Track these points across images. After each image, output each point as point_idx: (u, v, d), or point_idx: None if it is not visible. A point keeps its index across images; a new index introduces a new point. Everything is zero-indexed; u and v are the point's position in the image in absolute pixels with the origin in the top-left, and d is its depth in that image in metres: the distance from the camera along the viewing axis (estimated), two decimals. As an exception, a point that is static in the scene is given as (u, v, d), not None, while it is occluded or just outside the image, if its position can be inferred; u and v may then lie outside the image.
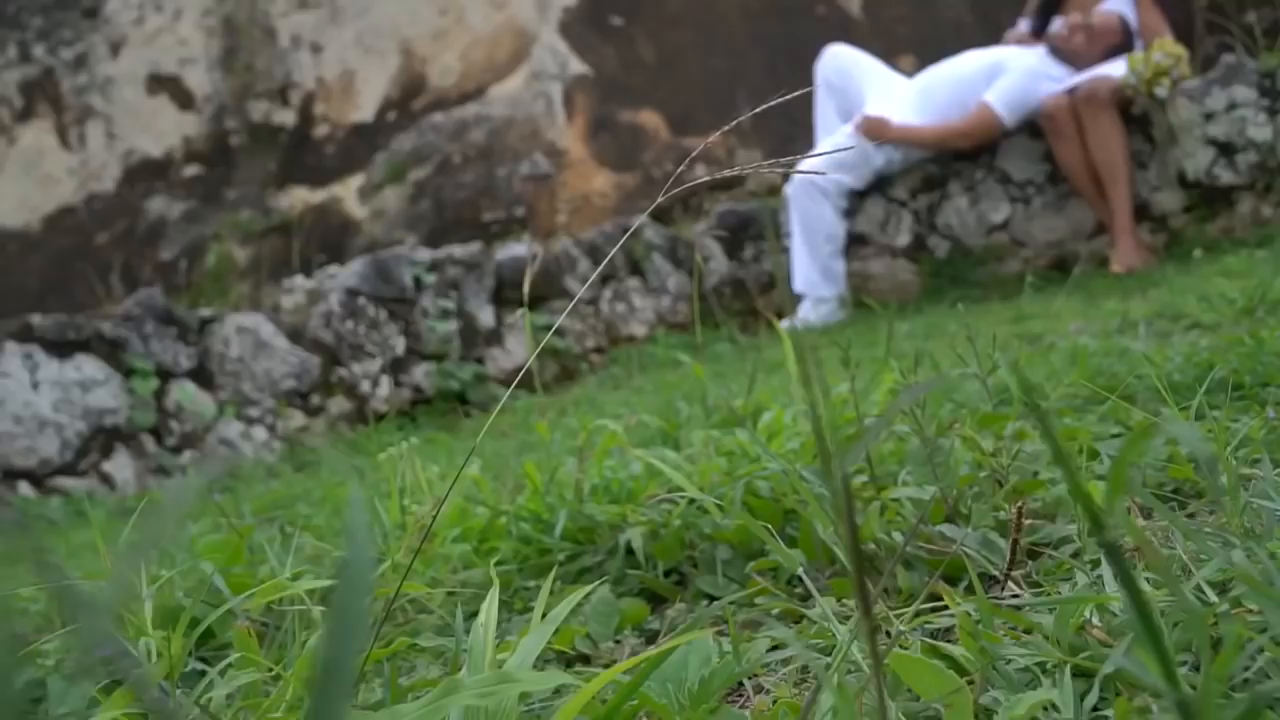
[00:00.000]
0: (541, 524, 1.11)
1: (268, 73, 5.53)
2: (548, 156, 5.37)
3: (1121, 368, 1.61)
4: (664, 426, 1.62)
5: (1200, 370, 1.39)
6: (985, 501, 0.92)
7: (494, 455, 2.35)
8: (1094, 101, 3.32)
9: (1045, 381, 1.65)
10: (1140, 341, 1.81)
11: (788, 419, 1.43)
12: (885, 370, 1.90)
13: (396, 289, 3.12)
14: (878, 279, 3.75)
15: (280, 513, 1.84)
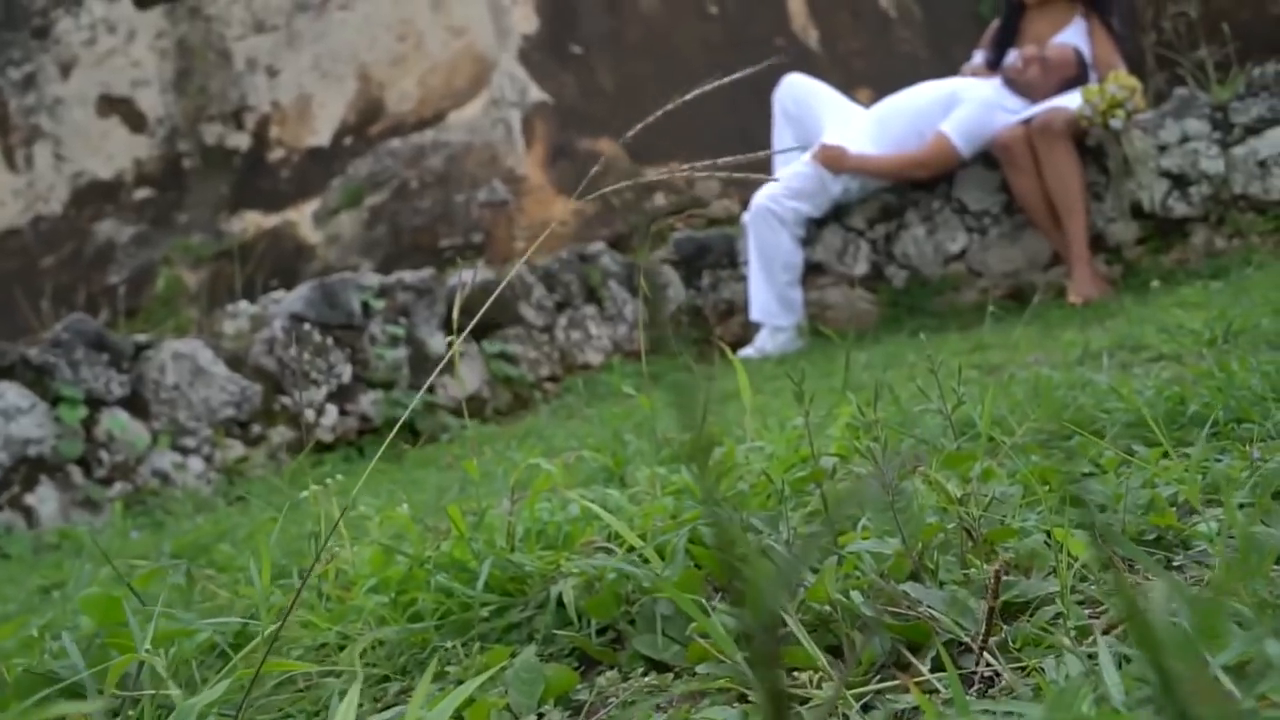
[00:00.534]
0: (466, 573, 0.99)
1: (222, 96, 5.38)
2: (506, 183, 5.26)
3: (1087, 400, 1.52)
4: (609, 463, 1.51)
5: (1171, 405, 1.31)
6: (953, 553, 0.82)
7: (438, 488, 2.23)
8: (1049, 133, 3.27)
9: (1009, 414, 1.56)
10: (1104, 374, 1.72)
11: (741, 455, 1.33)
12: (843, 403, 1.80)
13: (344, 315, 2.99)
14: (835, 308, 3.67)
15: (201, 552, 1.70)
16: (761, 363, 3.44)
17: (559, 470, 1.15)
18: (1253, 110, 3.20)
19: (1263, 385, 1.30)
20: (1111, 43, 3.52)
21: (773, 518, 0.90)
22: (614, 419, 2.06)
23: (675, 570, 0.89)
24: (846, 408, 1.46)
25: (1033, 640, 0.66)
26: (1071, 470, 1.11)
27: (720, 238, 3.87)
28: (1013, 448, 1.25)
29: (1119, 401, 1.41)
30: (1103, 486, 1.00)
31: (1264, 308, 2.25)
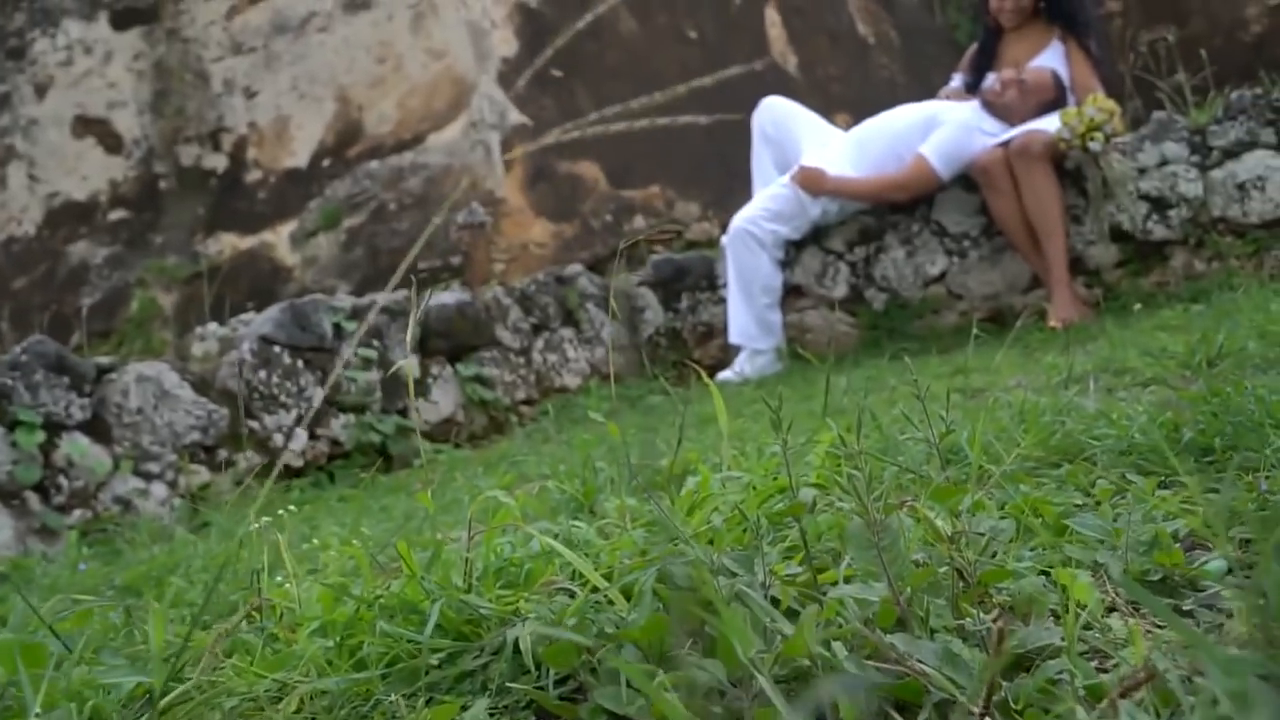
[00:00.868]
0: (417, 616, 0.91)
1: (199, 117, 5.29)
2: (485, 205, 5.19)
3: (1075, 426, 1.45)
4: (578, 492, 1.43)
5: (1165, 431, 1.24)
6: (944, 597, 0.74)
7: (405, 516, 2.13)
8: (1027, 155, 3.23)
9: (995, 440, 1.48)
10: (1090, 398, 1.65)
11: (716, 484, 1.25)
12: (823, 429, 1.73)
13: (315, 337, 2.90)
14: (815, 331, 3.61)
15: (153, 585, 1.61)
16: (741, 386, 3.36)
17: (520, 502, 1.07)
18: (1231, 134, 3.16)
19: (1259, 410, 1.23)
20: (1089, 66, 3.48)
21: (747, 557, 0.81)
22: (587, 444, 1.98)
23: (641, 614, 0.81)
24: (827, 434, 1.38)
25: (1038, 701, 0.58)
26: (1066, 504, 1.03)
27: (699, 260, 3.80)
28: (1002, 476, 1.18)
29: (1109, 428, 1.34)
30: (1100, 520, 0.92)
31: (1248, 331, 2.20)
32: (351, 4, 5.21)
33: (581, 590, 0.89)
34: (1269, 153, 3.13)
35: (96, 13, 5.45)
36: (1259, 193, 3.13)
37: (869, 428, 1.88)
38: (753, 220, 3.50)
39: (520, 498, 1.10)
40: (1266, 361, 1.94)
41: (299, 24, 5.23)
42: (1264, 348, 2.04)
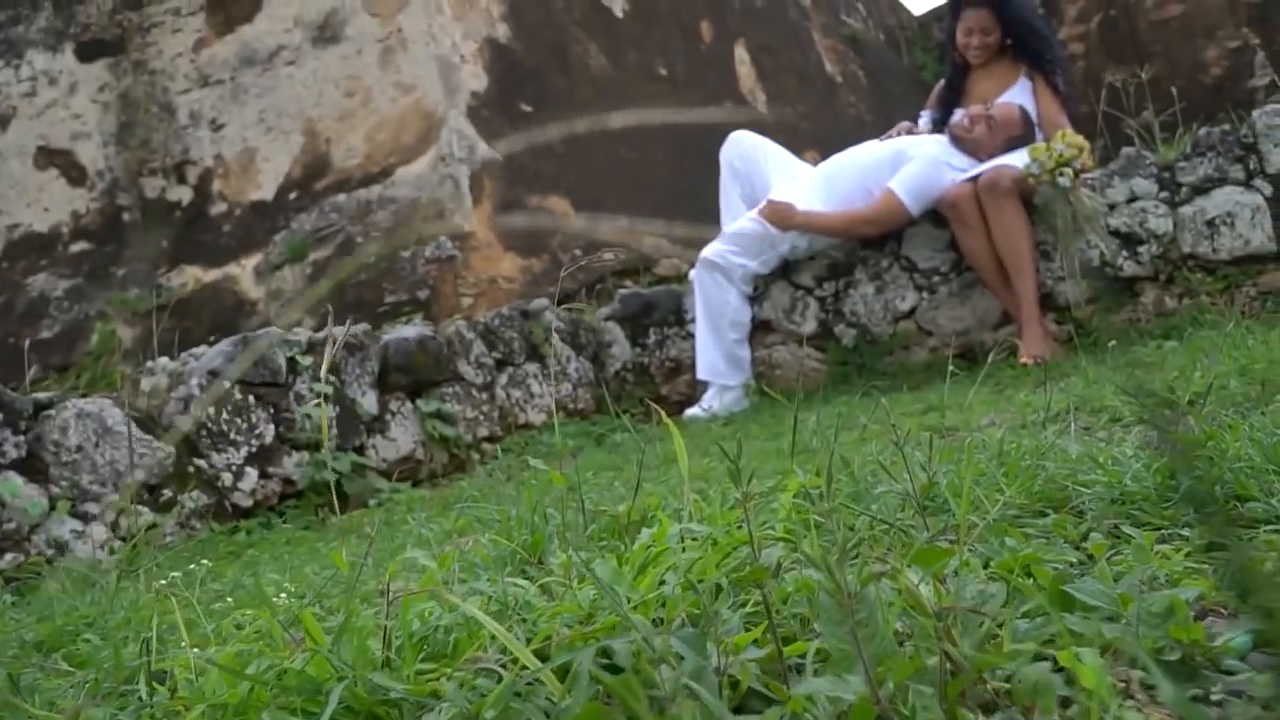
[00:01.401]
0: (320, 696, 0.77)
1: (165, 149, 5.15)
2: (453, 239, 5.06)
3: (1059, 470, 1.33)
4: (525, 542, 1.29)
5: (1160, 478, 1.12)
6: (931, 684, 0.61)
7: (354, 560, 1.98)
8: (997, 190, 3.14)
9: (975, 485, 1.37)
10: (1071, 439, 1.54)
11: (673, 537, 1.11)
12: (791, 475, 1.60)
13: (268, 372, 2.75)
14: (784, 367, 3.49)
15: (66, 642, 1.45)
16: (709, 423, 3.24)
17: (448, 562, 0.93)
18: (1199, 170, 3.10)
19: (1259, 456, 1.12)
20: (1056, 102, 3.42)
21: (699, 636, 0.68)
22: (544, 487, 1.84)
23: (577, 701, 0.68)
24: (794, 481, 1.26)
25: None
26: (1058, 560, 0.90)
27: (667, 294, 3.69)
28: (986, 528, 1.06)
29: (1098, 472, 1.22)
30: (1102, 585, 0.80)
31: (1228, 368, 2.10)
32: (320, 38, 5.10)
33: (511, 667, 0.76)
34: (1238, 189, 3.06)
35: (62, 44, 5.31)
36: (1228, 229, 3.06)
37: (840, 470, 1.76)
38: (721, 254, 3.39)
39: (446, 558, 0.96)
40: (1250, 400, 1.84)
41: (267, 57, 5.11)
42: (1245, 385, 1.95)
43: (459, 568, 1.15)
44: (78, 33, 5.25)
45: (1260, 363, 2.11)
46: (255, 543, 2.40)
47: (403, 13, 5.04)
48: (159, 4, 5.11)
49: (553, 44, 5.54)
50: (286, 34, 5.09)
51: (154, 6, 5.12)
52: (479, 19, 5.28)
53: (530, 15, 5.46)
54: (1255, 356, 2.22)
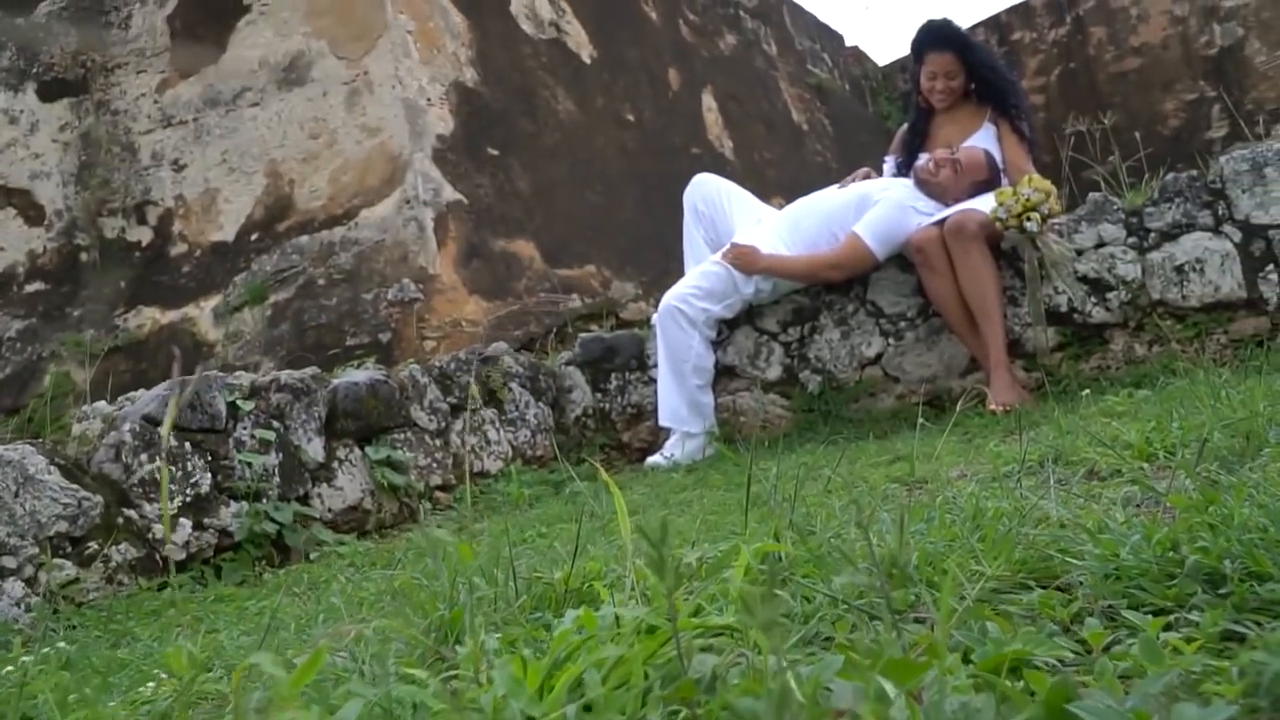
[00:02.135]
0: None
1: (125, 189, 4.96)
2: (417, 282, 4.89)
3: (1041, 536, 1.17)
4: (447, 617, 1.11)
5: (1161, 550, 0.96)
6: None
7: (293, 620, 1.78)
8: (963, 234, 3.02)
9: (946, 551, 1.20)
10: (1051, 499, 1.38)
11: (605, 619, 0.94)
12: (746, 537, 1.44)
13: (206, 417, 2.55)
14: (748, 414, 3.33)
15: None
16: (670, 472, 3.06)
17: (307, 674, 0.75)
18: (1167, 215, 2.99)
19: (1270, 523, 0.97)
20: (1022, 148, 3.32)
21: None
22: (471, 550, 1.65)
23: None
24: (744, 555, 1.09)
25: None
26: (1062, 679, 0.73)
27: (629, 339, 3.53)
28: (966, 611, 0.89)
29: (1087, 540, 1.06)
30: (1111, 699, 0.64)
31: (1208, 418, 1.96)
32: (286, 80, 4.95)
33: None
34: (1206, 235, 2.95)
35: (24, 83, 5.13)
36: (1198, 275, 2.95)
37: (801, 528, 1.59)
38: (683, 298, 3.24)
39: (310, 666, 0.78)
40: (1235, 454, 1.69)
41: (232, 98, 4.95)
42: (1228, 438, 1.80)
43: (352, 656, 0.97)
44: (40, 72, 5.08)
45: (1241, 413, 1.97)
46: (181, 600, 2.20)
47: (369, 56, 4.91)
48: (123, 44, 4.96)
49: (520, 88, 5.42)
50: (251, 75, 4.94)
51: (118, 47, 4.97)
52: (446, 63, 5.16)
53: (498, 60, 5.35)
54: (1234, 406, 2.08)
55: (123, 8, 4.90)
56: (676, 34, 6.59)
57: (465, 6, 5.28)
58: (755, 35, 7.27)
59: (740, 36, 7.08)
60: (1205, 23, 7.91)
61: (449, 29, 5.22)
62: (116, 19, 4.93)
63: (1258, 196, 2.93)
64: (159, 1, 4.91)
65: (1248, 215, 2.94)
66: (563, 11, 5.92)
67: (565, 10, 5.95)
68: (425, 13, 5.12)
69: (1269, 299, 2.92)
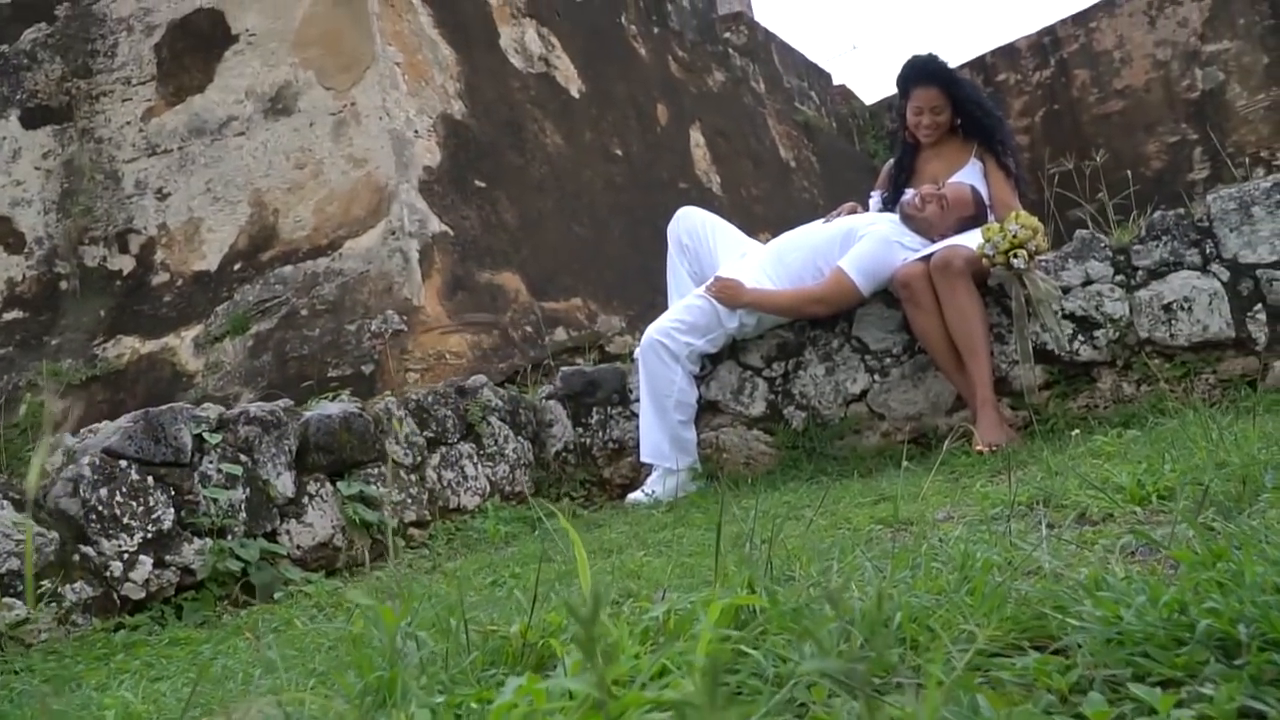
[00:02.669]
0: None
1: (108, 217, 4.87)
2: (401, 314, 4.80)
3: (1034, 591, 1.07)
4: (386, 679, 1.00)
5: (1168, 614, 0.87)
6: None
7: (223, 675, 1.67)
8: (949, 270, 2.94)
9: (933, 606, 1.11)
10: (1043, 549, 1.29)
11: (553, 690, 0.84)
12: (725, 577, 1.34)
13: (170, 450, 2.45)
14: (731, 450, 3.24)
15: None
16: (651, 509, 2.96)
17: None
18: (1155, 253, 2.92)
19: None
20: (1009, 184, 3.26)
21: None
22: (418, 598, 1.54)
23: None
24: (715, 607, 0.99)
25: None
26: None
27: (611, 372, 3.43)
28: (955, 680, 0.80)
29: (1085, 597, 0.97)
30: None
31: (1202, 461, 1.87)
32: (272, 109, 4.89)
33: None
34: (1194, 274, 2.89)
35: (7, 110, 5.05)
36: (1185, 314, 2.88)
37: (780, 573, 1.49)
38: (666, 332, 3.15)
39: None
40: (1232, 499, 1.60)
41: (217, 127, 4.88)
42: (1224, 482, 1.71)
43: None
44: (24, 99, 5.00)
45: (1235, 456, 1.89)
46: (135, 643, 2.08)
47: (357, 87, 4.85)
48: (109, 72, 4.89)
49: (508, 121, 5.37)
50: (238, 105, 4.87)
51: (104, 75, 4.89)
52: (434, 95, 5.11)
53: (486, 93, 5.30)
54: (1228, 449, 1.99)
55: (109, 36, 4.84)
56: (665, 70, 6.56)
57: (454, 40, 5.24)
58: (744, 73, 7.25)
59: (729, 74, 7.06)
60: (1187, 67, 7.94)
61: (437, 61, 5.17)
62: (103, 47, 4.87)
63: (1245, 235, 2.87)
64: (146, 30, 4.85)
65: (1235, 254, 2.88)
66: (552, 46, 5.88)
67: (554, 45, 5.91)
68: (414, 45, 5.07)
69: (1257, 339, 2.85)
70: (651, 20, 6.59)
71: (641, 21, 6.49)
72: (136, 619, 2.31)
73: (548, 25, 5.82)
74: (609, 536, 2.63)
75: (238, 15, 4.83)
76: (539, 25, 5.80)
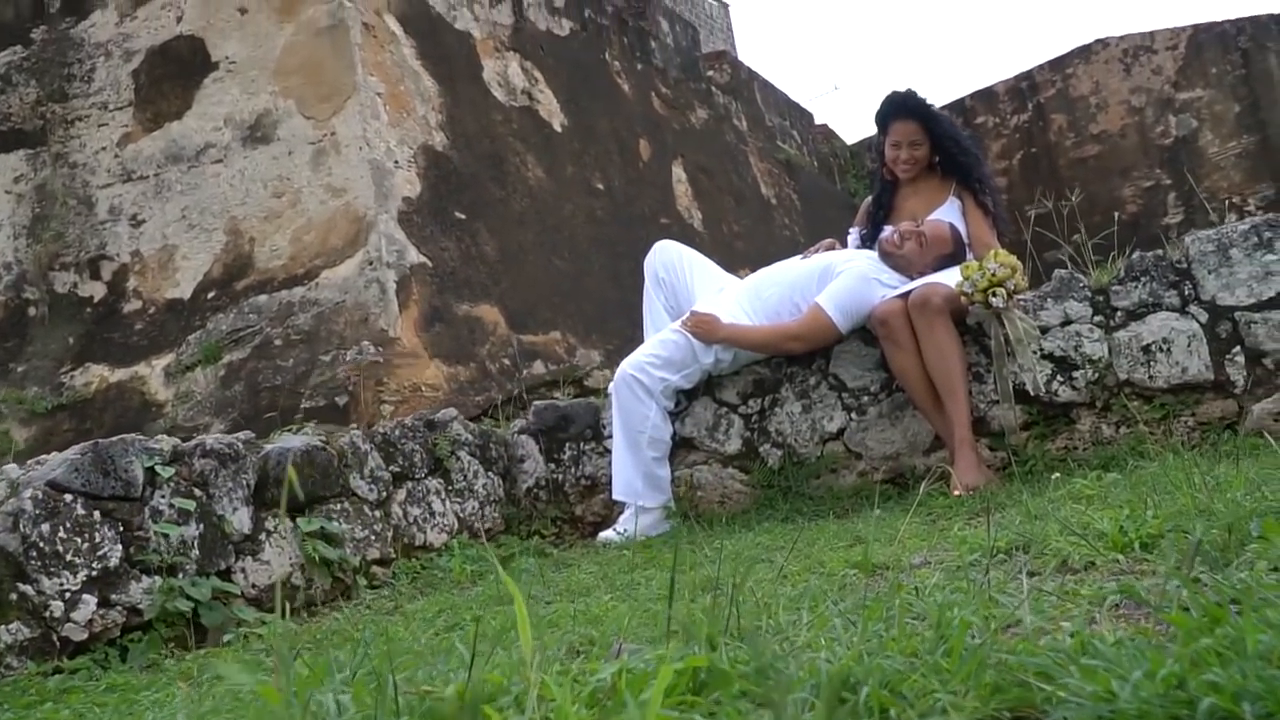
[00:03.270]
0: None
1: (80, 243, 4.76)
2: (377, 345, 4.69)
3: (1016, 655, 0.98)
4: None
5: (1165, 689, 0.77)
6: None
7: None
8: (928, 308, 2.87)
9: (907, 669, 1.01)
10: (1025, 607, 1.19)
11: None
12: (687, 625, 1.25)
13: (120, 484, 2.32)
14: (705, 488, 3.14)
15: None
16: (623, 549, 2.85)
17: None
18: (1134, 294, 2.86)
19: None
20: (987, 222, 3.20)
21: None
22: (388, 636, 1.42)
23: None
24: (667, 670, 0.89)
25: None
26: None
27: (584, 407, 3.33)
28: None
29: (1073, 667, 0.87)
30: None
31: (1186, 506, 1.79)
32: (251, 137, 4.80)
33: None
34: (1173, 315, 2.82)
35: (-19, 134, 4.95)
36: (1164, 355, 2.81)
37: (748, 623, 1.39)
38: (641, 367, 3.06)
39: None
40: (1216, 548, 1.51)
41: (195, 154, 4.79)
42: (1209, 530, 1.62)
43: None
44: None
45: (1219, 503, 1.80)
46: (70, 689, 1.95)
47: (338, 116, 4.77)
48: (85, 97, 4.80)
49: (490, 154, 5.30)
50: (216, 132, 4.78)
51: (80, 100, 4.80)
52: (416, 126, 5.04)
53: (468, 125, 5.24)
54: (1211, 496, 1.91)
55: (87, 60, 4.76)
56: (648, 106, 6.53)
57: (437, 72, 5.18)
58: (726, 110, 7.23)
59: (712, 111, 7.04)
60: (1161, 114, 7.98)
61: (420, 93, 5.11)
62: (80, 71, 4.78)
63: (1223, 277, 2.81)
64: (125, 55, 4.76)
65: (1214, 296, 2.82)
66: (535, 80, 5.84)
67: (538, 79, 5.87)
68: (396, 76, 5.01)
69: (1236, 381, 2.78)
70: (635, 57, 6.56)
71: (625, 58, 6.46)
72: (77, 661, 2.17)
73: (531, 59, 5.78)
74: (577, 577, 2.52)
75: (218, 43, 4.76)
76: (522, 59, 5.76)
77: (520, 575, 2.71)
